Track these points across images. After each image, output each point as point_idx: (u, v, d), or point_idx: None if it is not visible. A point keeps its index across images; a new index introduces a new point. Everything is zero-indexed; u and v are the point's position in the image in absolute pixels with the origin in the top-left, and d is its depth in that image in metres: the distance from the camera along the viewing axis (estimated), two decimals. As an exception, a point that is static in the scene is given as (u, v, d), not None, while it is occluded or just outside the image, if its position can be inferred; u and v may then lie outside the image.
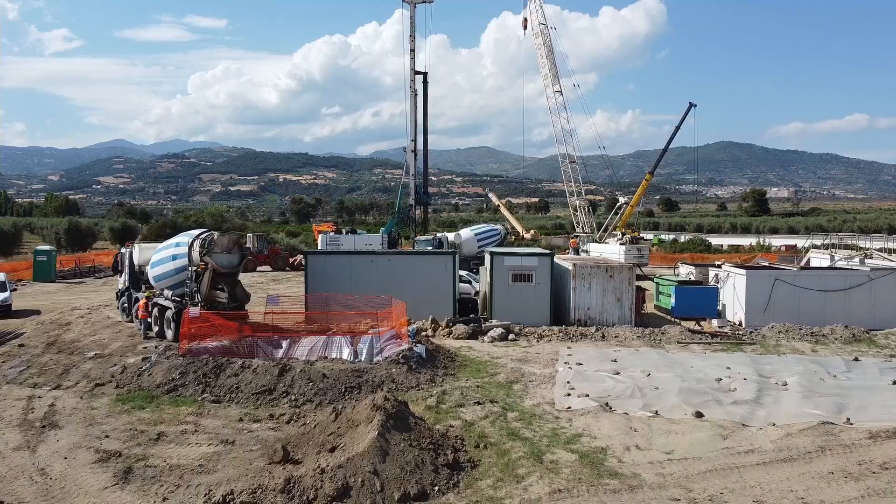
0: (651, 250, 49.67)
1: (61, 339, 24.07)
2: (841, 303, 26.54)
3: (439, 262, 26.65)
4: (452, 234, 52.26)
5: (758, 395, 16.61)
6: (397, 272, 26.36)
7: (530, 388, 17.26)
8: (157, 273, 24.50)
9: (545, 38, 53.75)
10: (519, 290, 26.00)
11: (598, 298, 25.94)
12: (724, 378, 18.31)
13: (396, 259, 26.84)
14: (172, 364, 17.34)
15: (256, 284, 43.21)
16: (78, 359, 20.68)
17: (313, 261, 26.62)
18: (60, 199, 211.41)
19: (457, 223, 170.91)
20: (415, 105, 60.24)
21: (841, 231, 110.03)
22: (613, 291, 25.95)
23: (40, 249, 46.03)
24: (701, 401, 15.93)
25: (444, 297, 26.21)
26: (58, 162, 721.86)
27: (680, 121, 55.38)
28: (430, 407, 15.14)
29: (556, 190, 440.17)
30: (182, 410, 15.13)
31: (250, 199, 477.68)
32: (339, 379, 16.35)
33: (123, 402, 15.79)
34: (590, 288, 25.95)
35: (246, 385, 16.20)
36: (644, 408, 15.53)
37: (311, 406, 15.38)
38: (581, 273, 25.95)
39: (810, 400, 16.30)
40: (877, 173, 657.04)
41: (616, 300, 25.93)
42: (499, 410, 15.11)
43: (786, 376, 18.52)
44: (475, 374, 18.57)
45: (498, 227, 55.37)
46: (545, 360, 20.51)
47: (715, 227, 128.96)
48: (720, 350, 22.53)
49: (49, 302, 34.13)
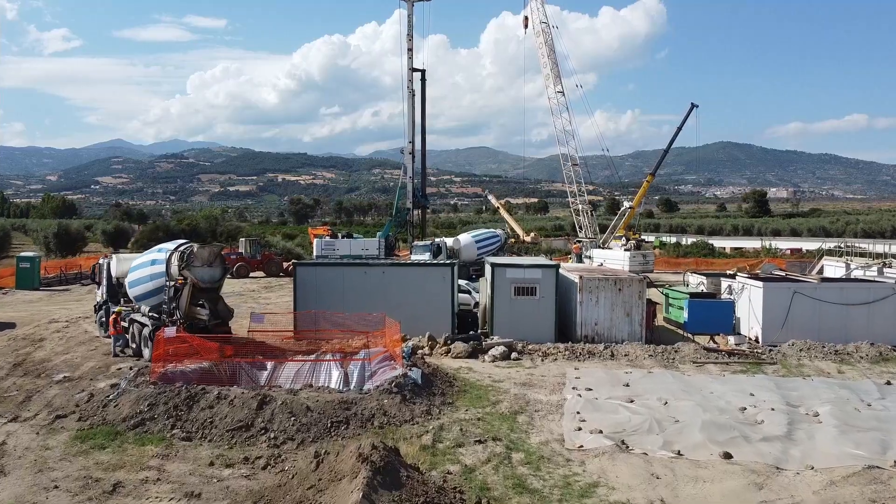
0: (654, 253, 47.97)
1: (31, 358, 22.39)
2: (864, 317, 24.92)
3: (437, 274, 25.00)
4: (451, 239, 50.55)
5: (789, 430, 14.98)
6: (392, 284, 24.73)
7: (536, 421, 15.62)
8: (134, 287, 22.86)
9: (546, 38, 52.19)
10: (522, 304, 24.37)
11: (606, 313, 24.31)
12: (749, 407, 16.68)
13: (391, 271, 25.17)
14: (142, 394, 15.69)
15: (248, 292, 41.57)
16: (44, 383, 19.02)
17: (303, 273, 24.95)
18: (57, 199, 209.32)
19: (455, 224, 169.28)
20: (413, 105, 58.69)
21: (844, 234, 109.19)
22: (623, 306, 24.32)
23: (23, 256, 44.31)
24: (727, 437, 14.30)
25: (442, 311, 24.57)
26: (56, 162, 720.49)
27: (682, 121, 53.96)
28: (425, 447, 13.50)
29: (555, 190, 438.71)
30: (147, 451, 13.47)
31: (249, 199, 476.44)
32: (324, 412, 14.70)
33: (83, 439, 14.13)
34: (597, 302, 24.32)
35: (221, 420, 14.54)
36: (665, 446, 13.89)
37: (292, 445, 13.73)
38: (588, 286, 24.31)
39: (848, 436, 14.66)
40: (875, 173, 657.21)
41: (625, 315, 24.29)
42: (503, 451, 13.46)
43: (816, 405, 16.90)
44: (476, 403, 16.93)
45: (498, 232, 53.67)
46: (551, 384, 18.88)
47: (716, 228, 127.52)
48: (739, 371, 20.89)
49: (28, 313, 32.46)
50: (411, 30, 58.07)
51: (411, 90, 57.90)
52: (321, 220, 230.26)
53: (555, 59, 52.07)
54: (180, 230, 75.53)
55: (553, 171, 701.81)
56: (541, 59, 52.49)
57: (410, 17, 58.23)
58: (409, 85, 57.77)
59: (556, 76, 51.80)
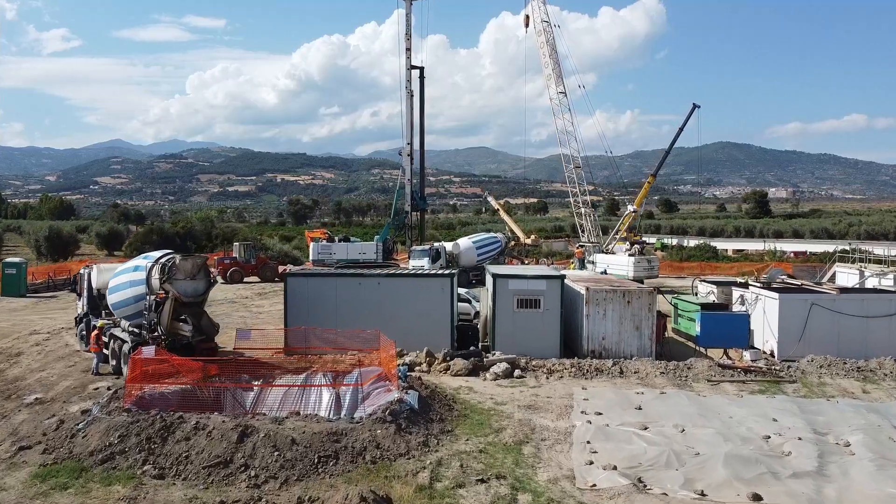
0: (658, 258, 46.65)
1: (4, 375, 21.12)
2: (885, 331, 23.64)
3: (436, 284, 23.68)
4: (450, 243, 49.29)
5: (820, 464, 13.68)
6: (388, 296, 23.43)
7: (543, 452, 14.32)
8: (114, 300, 21.56)
9: (548, 37, 50.84)
10: (525, 318, 23.06)
11: (614, 327, 23.00)
12: (774, 435, 15.38)
13: (387, 282, 23.84)
14: (112, 423, 14.36)
15: (241, 299, 40.30)
16: (13, 406, 17.74)
17: (293, 284, 23.64)
18: (55, 200, 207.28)
19: (455, 225, 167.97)
20: (411, 106, 57.44)
21: (847, 235, 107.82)
22: (632, 319, 23.02)
23: (9, 262, 42.99)
24: (755, 474, 13.00)
25: (440, 324, 23.28)
26: (55, 162, 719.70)
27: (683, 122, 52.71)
28: (421, 487, 12.18)
29: (554, 190, 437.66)
30: (114, 492, 12.16)
31: (248, 199, 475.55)
32: (311, 446, 13.38)
33: (44, 477, 12.81)
34: (605, 315, 23.01)
35: (198, 454, 13.23)
36: (685, 485, 12.60)
37: (274, 485, 12.41)
38: (595, 298, 23.00)
39: (885, 472, 13.36)
40: (874, 173, 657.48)
41: (634, 329, 22.99)
42: (507, 493, 12.15)
43: (846, 432, 15.60)
44: (477, 431, 15.62)
45: (498, 236, 52.44)
46: (558, 407, 17.58)
47: (718, 230, 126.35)
48: (758, 391, 19.59)
49: (10, 323, 31.17)
50: (409, 28, 56.89)
51: (409, 90, 56.67)
52: (320, 221, 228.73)
53: (556, 59, 50.75)
54: (175, 233, 74.28)
55: (552, 171, 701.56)
56: (542, 59, 51.16)
57: (409, 16, 57.07)
58: (407, 85, 56.51)
59: (557, 76, 50.48)
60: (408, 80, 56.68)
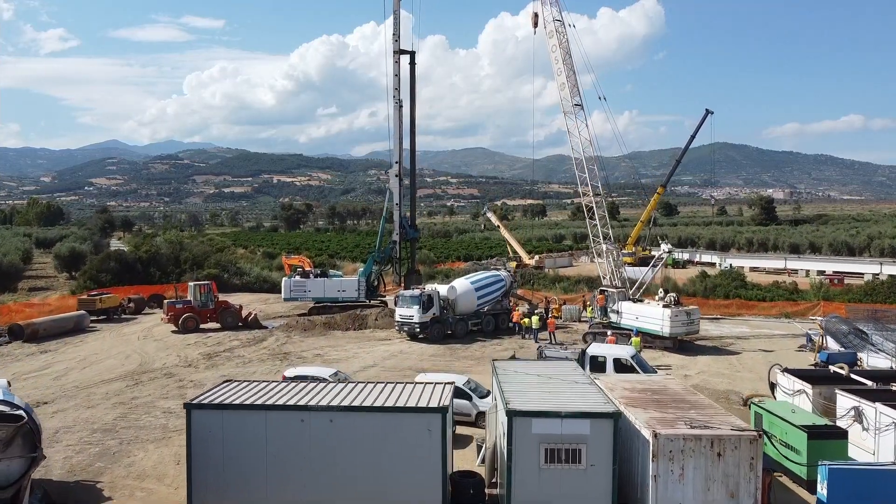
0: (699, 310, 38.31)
1: None
2: None
3: (418, 424, 15.32)
4: (444, 286, 41.03)
5: None
6: (346, 441, 15.17)
7: None
8: None
9: (560, 39, 42.37)
10: (558, 477, 14.78)
11: (697, 493, 14.71)
12: None
13: (344, 419, 15.39)
14: None
15: (180, 368, 31.59)
16: None
17: (200, 421, 15.30)
18: (42, 205, 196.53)
19: (451, 233, 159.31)
20: (399, 116, 48.99)
21: (869, 248, 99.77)
22: (724, 480, 14.73)
23: None
24: None
25: (425, 483, 15.05)
26: (51, 163, 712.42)
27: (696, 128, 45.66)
28: None
29: (551, 191, 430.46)
30: None
31: (244, 200, 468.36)
32: None
33: None
34: (682, 474, 14.74)
35: None
36: None
37: None
38: (667, 449, 14.73)
39: None
40: (871, 174, 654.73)
41: (728, 496, 14.72)
42: None
43: None
44: None
45: (501, 275, 44.15)
46: None
47: (728, 241, 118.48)
48: None
49: None
50: (398, 29, 48.47)
51: (398, 100, 48.20)
52: (314, 226, 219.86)
53: (571, 65, 42.24)
54: (137, 258, 65.84)
55: (550, 171, 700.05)
56: (554, 65, 42.69)
57: (397, 13, 48.71)
58: (395, 95, 48.09)
59: (573, 85, 41.98)
60: (395, 88, 48.30)
